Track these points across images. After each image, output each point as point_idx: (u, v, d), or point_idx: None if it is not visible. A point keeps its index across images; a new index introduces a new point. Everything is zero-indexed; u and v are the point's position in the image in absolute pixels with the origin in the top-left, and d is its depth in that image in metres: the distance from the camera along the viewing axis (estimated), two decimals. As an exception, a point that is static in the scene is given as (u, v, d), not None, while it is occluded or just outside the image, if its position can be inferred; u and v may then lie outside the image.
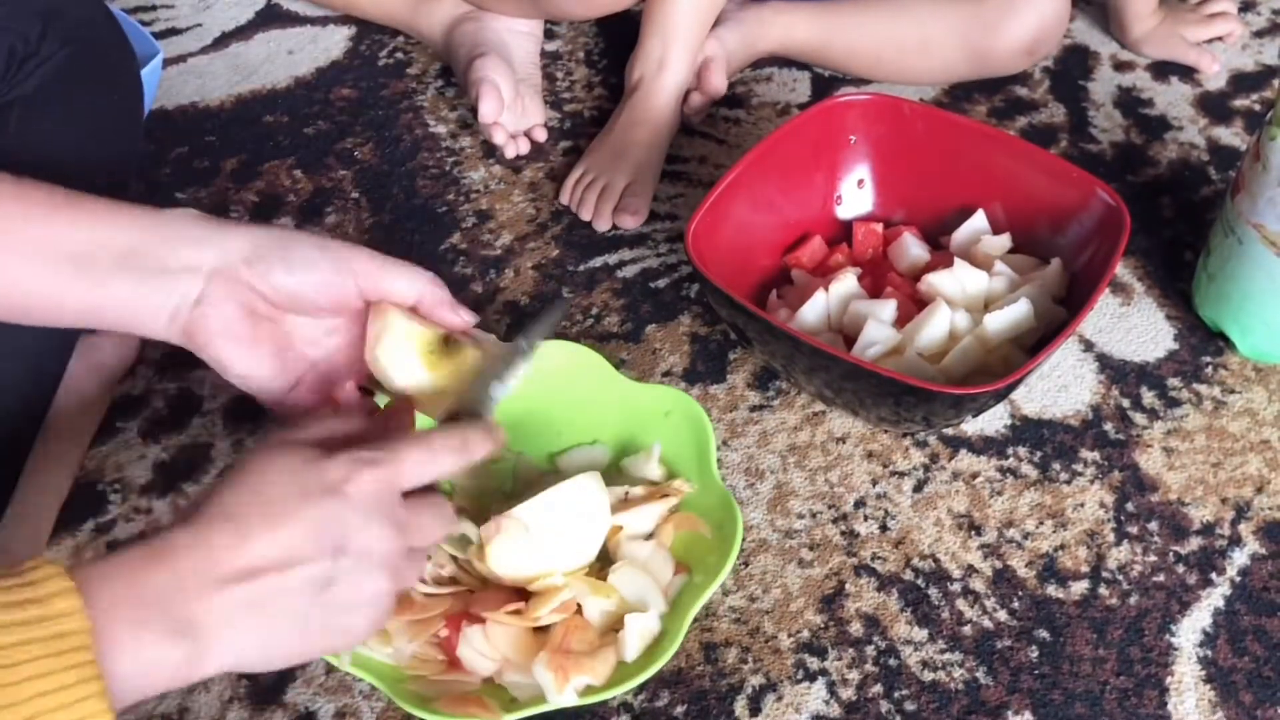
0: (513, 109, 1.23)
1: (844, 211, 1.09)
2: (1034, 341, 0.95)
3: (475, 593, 0.82)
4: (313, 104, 1.32)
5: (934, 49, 1.28)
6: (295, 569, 0.55)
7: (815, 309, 0.98)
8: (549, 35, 1.40)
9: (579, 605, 0.82)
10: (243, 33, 1.42)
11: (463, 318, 0.72)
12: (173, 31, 1.42)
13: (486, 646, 0.80)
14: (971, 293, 0.98)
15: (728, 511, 0.85)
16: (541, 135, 1.26)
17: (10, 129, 0.81)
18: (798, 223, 1.07)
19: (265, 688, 0.84)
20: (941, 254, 1.03)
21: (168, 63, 1.35)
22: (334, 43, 1.40)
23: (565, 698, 0.76)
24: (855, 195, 1.09)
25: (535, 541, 0.80)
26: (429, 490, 0.62)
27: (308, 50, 1.39)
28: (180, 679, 0.52)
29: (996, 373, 0.92)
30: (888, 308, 0.97)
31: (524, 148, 1.25)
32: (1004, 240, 1.03)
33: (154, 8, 1.46)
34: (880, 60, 1.30)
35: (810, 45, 1.32)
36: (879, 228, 1.07)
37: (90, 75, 0.87)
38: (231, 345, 0.66)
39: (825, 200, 1.08)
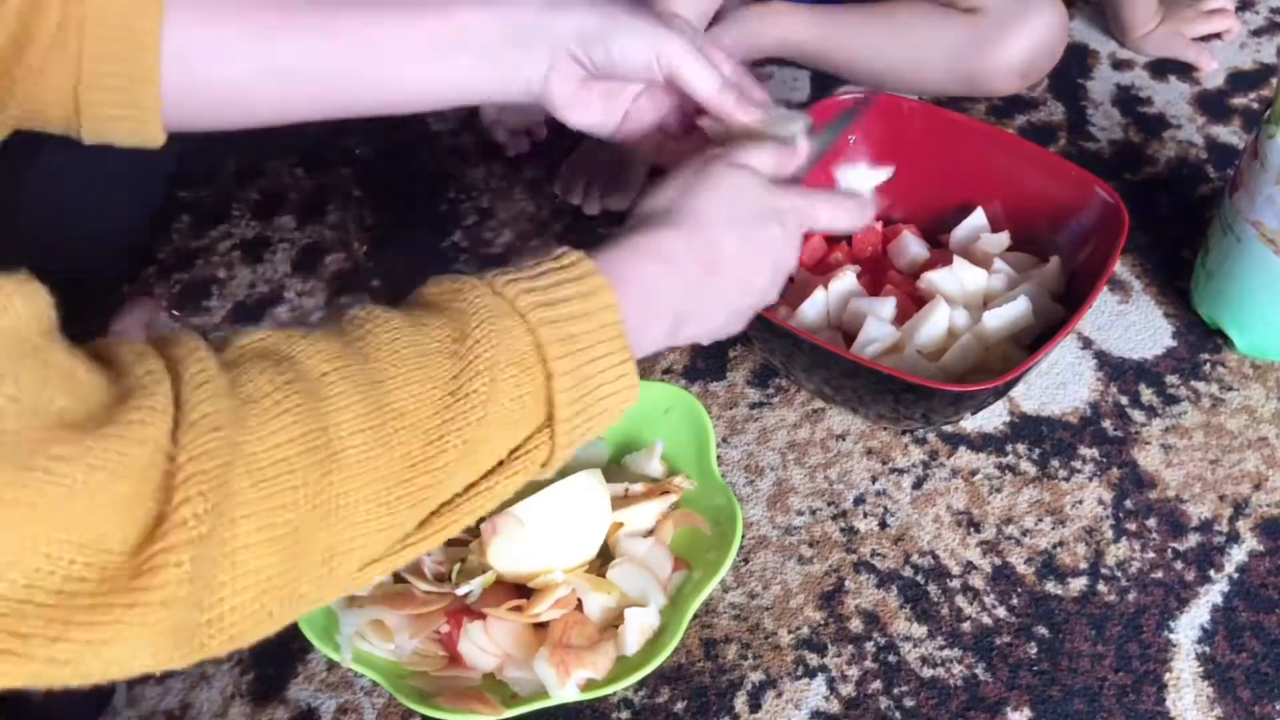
0: (514, 106, 1.24)
1: None
2: (1032, 339, 0.96)
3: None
4: (314, 103, 1.32)
5: (928, 68, 1.28)
6: (747, 273, 0.67)
7: (815, 306, 0.98)
8: (550, 34, 1.40)
9: (579, 601, 0.82)
10: (244, 32, 1.42)
11: (751, 113, 0.76)
12: (175, 30, 1.43)
13: (487, 642, 0.80)
14: (970, 290, 0.98)
15: (727, 508, 0.85)
16: (542, 133, 1.27)
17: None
18: None
19: (268, 684, 0.84)
20: (941, 252, 1.03)
21: (170, 62, 1.35)
22: (335, 42, 1.41)
23: (567, 692, 0.77)
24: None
25: (534, 539, 0.80)
26: None
27: (309, 49, 1.39)
28: (659, 348, 0.65)
29: (995, 370, 0.92)
30: (887, 305, 0.97)
31: (524, 145, 1.25)
32: (1003, 238, 1.03)
33: (156, 7, 1.46)
34: (876, 72, 1.31)
35: (809, 49, 1.32)
36: (878, 226, 1.07)
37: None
38: (571, 109, 0.76)
39: None
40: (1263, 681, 0.83)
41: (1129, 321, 1.07)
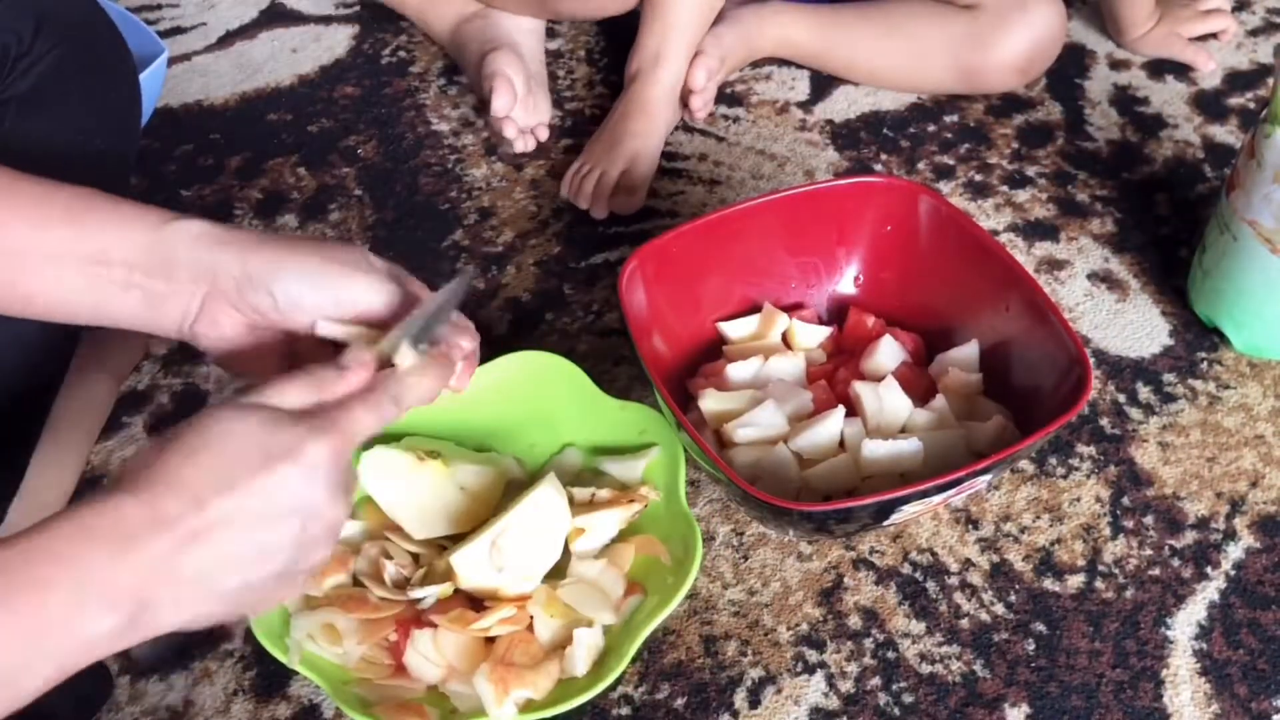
0: (524, 104, 1.24)
1: (845, 288, 1.02)
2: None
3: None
4: (316, 102, 1.33)
5: (927, 65, 1.29)
6: (249, 540, 0.55)
7: (746, 370, 0.94)
8: (550, 34, 1.40)
9: (530, 619, 0.81)
10: (247, 31, 1.43)
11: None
12: (178, 30, 1.43)
13: (434, 652, 0.79)
14: (888, 414, 0.90)
15: (689, 538, 0.83)
16: (544, 134, 1.27)
17: (5, 128, 0.82)
18: (797, 285, 1.02)
19: (270, 681, 0.85)
20: (913, 368, 0.95)
21: (173, 61, 1.36)
22: (337, 41, 1.41)
23: (504, 711, 0.75)
24: (872, 279, 1.02)
25: (502, 555, 0.80)
26: None
27: (311, 49, 1.40)
28: (117, 648, 0.52)
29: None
30: (800, 397, 0.91)
31: (530, 144, 1.26)
32: (974, 378, 0.93)
33: (159, 6, 1.47)
34: (876, 71, 1.31)
35: (808, 49, 1.33)
36: (870, 320, 0.98)
37: (84, 74, 0.87)
38: (231, 355, 0.67)
39: (832, 274, 1.02)
40: (1259, 678, 0.84)
41: (1126, 320, 1.08)
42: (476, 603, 0.82)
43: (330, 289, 0.65)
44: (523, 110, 1.24)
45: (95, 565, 0.50)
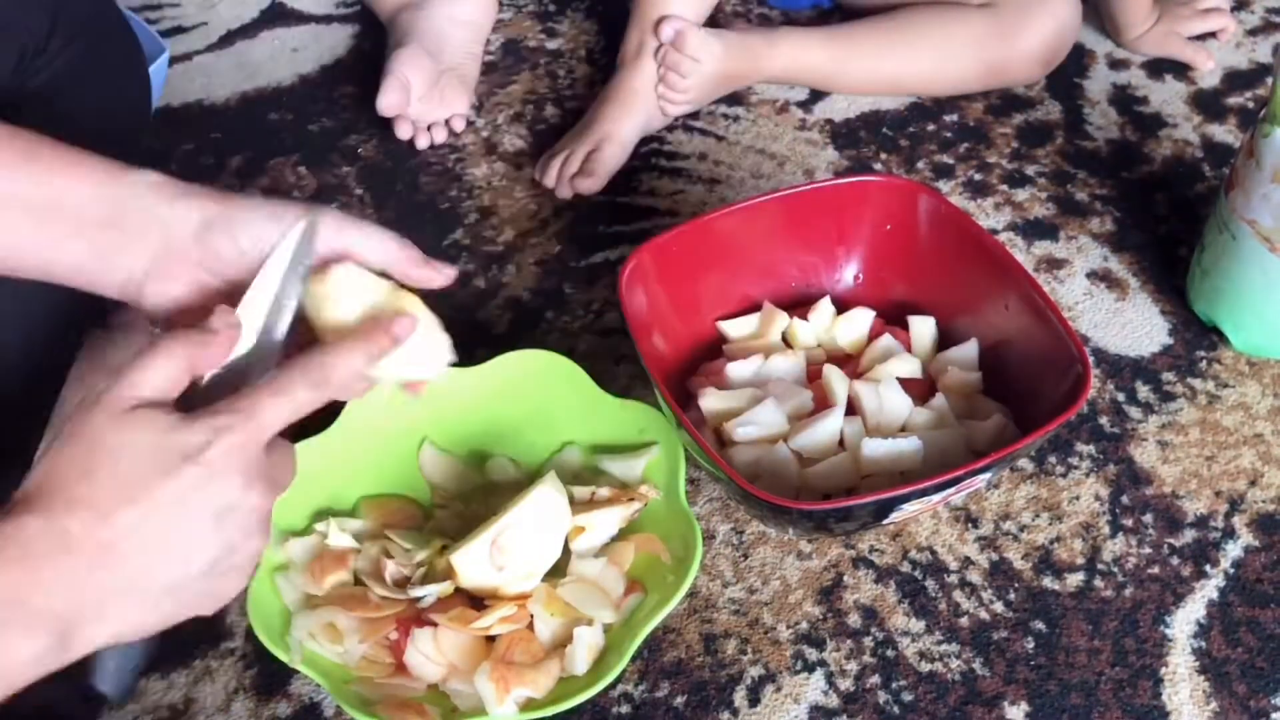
0: (428, 99, 1.25)
1: (846, 287, 1.02)
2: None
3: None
4: (317, 101, 1.33)
5: (950, 67, 1.28)
6: (164, 546, 0.53)
7: (747, 368, 0.94)
8: (550, 34, 1.41)
9: (531, 617, 0.81)
10: (248, 31, 1.43)
11: (444, 274, 0.68)
12: (178, 29, 1.43)
13: (434, 651, 0.79)
14: (888, 412, 0.90)
15: (689, 536, 0.83)
16: (460, 125, 1.28)
17: (20, 125, 0.82)
18: (797, 284, 1.02)
19: (270, 679, 0.85)
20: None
21: (173, 60, 1.36)
22: (338, 40, 1.41)
23: (505, 710, 0.75)
24: (872, 277, 1.02)
25: (502, 554, 0.80)
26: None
27: (312, 48, 1.40)
28: (48, 668, 0.51)
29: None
30: (799, 397, 0.91)
31: (439, 137, 1.27)
32: (973, 377, 0.94)
33: (160, 6, 1.47)
34: (897, 82, 1.30)
35: (821, 70, 1.30)
36: (870, 317, 0.99)
37: (98, 71, 0.88)
38: (177, 316, 0.64)
39: (832, 272, 1.02)
40: (1258, 676, 0.84)
41: (1126, 319, 1.08)
42: (477, 601, 0.82)
43: (299, 216, 0.63)
44: (425, 106, 1.25)
45: (9, 588, 0.49)
